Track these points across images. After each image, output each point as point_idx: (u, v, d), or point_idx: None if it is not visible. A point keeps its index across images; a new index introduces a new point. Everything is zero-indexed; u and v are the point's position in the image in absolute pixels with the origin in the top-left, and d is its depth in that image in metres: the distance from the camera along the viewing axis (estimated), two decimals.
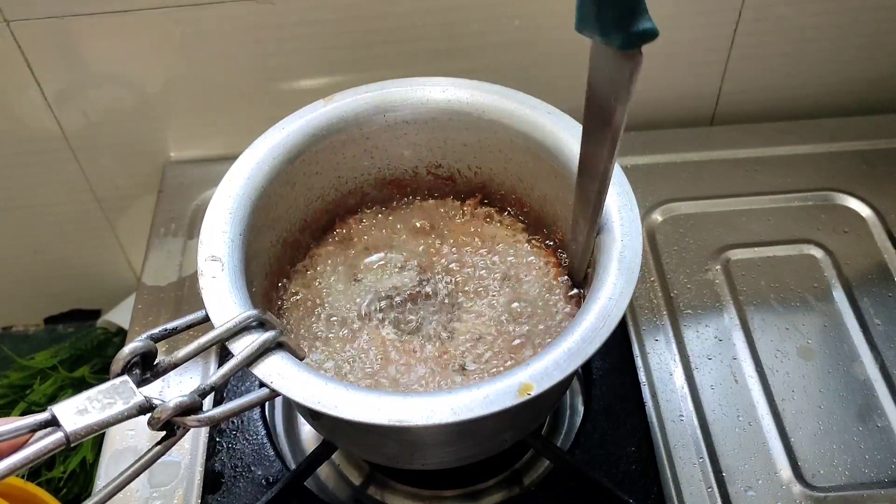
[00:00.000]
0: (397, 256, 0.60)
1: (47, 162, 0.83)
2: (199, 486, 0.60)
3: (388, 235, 0.62)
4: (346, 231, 0.62)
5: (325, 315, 0.57)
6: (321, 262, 0.60)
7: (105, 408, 0.38)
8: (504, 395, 0.42)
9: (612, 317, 0.45)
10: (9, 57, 0.74)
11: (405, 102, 0.58)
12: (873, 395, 0.64)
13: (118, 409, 0.38)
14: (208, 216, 0.51)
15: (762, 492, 0.59)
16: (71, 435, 0.36)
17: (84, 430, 0.37)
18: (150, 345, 0.42)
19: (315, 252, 0.60)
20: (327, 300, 0.57)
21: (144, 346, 0.42)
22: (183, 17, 0.72)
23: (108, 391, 0.39)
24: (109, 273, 0.96)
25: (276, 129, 0.56)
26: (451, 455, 0.53)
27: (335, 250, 0.61)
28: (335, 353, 0.54)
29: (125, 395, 0.39)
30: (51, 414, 0.37)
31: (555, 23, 0.76)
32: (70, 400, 0.38)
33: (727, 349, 0.67)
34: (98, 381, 0.89)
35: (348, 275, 0.59)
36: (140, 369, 0.42)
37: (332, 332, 0.55)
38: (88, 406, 0.38)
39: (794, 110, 0.86)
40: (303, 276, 0.59)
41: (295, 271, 0.59)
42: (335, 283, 0.58)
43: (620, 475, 0.59)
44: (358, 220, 0.63)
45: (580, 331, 0.45)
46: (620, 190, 0.52)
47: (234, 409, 0.42)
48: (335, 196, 0.61)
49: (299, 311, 0.57)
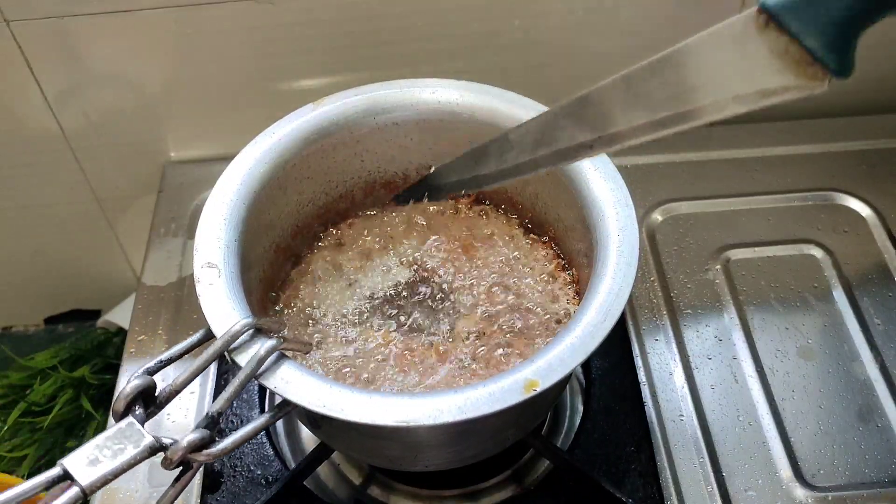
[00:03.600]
0: (391, 258, 0.60)
1: (47, 162, 0.83)
2: (198, 486, 0.60)
3: (380, 238, 0.62)
4: (338, 235, 0.62)
5: (321, 319, 0.57)
6: (315, 267, 0.60)
7: (116, 454, 0.38)
8: (510, 391, 0.42)
9: (612, 311, 0.45)
10: (9, 57, 0.74)
11: (395, 104, 0.58)
12: (873, 395, 0.64)
13: (130, 455, 0.38)
14: (203, 222, 0.51)
15: (762, 492, 0.59)
16: (87, 488, 0.36)
17: (99, 481, 0.37)
18: (149, 380, 0.42)
19: (308, 257, 0.60)
20: (322, 304, 0.57)
21: (143, 383, 0.42)
22: (183, 17, 0.72)
23: (116, 436, 0.39)
24: (109, 273, 0.96)
25: (267, 134, 0.56)
26: (453, 455, 0.53)
27: (328, 254, 0.61)
28: (333, 358, 0.54)
29: (134, 439, 0.39)
30: (62, 469, 0.37)
31: (555, 23, 0.76)
32: (79, 451, 0.37)
33: (727, 349, 0.67)
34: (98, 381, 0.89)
35: (342, 278, 0.59)
36: (143, 406, 0.42)
37: (328, 336, 0.55)
38: (99, 455, 0.37)
39: (794, 110, 0.86)
40: (297, 281, 0.59)
41: (289, 276, 0.59)
42: (330, 287, 0.58)
43: (620, 475, 0.59)
44: (349, 224, 0.63)
45: (581, 326, 0.45)
46: (615, 185, 0.52)
47: (243, 438, 0.42)
48: (326, 200, 0.61)
49: (294, 316, 0.57)
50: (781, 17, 0.31)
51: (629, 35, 0.78)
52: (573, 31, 0.77)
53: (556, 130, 0.39)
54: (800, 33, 0.31)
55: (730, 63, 0.33)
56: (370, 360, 0.54)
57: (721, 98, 0.34)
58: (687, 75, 0.34)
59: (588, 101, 0.38)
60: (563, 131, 0.39)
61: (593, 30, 0.77)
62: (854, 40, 0.31)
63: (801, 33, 0.31)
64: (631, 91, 0.36)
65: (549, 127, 0.40)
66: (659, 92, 0.35)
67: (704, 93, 0.34)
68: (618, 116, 0.37)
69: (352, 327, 0.56)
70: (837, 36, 0.31)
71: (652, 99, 0.36)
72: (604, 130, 0.38)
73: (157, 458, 0.40)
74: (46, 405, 0.83)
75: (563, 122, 0.39)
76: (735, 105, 0.34)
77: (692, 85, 0.34)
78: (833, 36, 0.31)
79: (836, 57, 0.31)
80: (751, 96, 0.33)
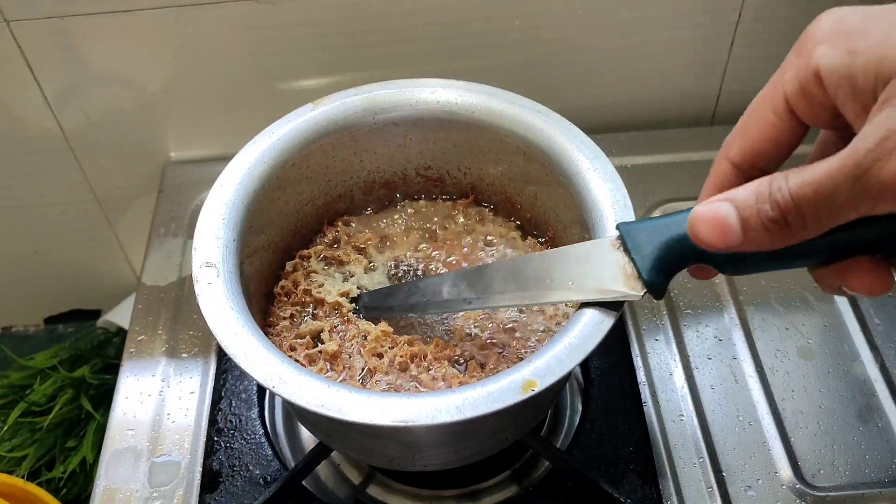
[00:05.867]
0: (389, 258, 0.61)
1: (47, 162, 0.83)
2: (197, 486, 0.60)
3: (379, 237, 0.62)
4: (337, 234, 0.62)
5: (320, 317, 0.57)
6: (313, 266, 0.60)
7: None
8: (508, 391, 0.42)
9: (611, 311, 0.45)
10: (9, 57, 0.74)
11: (394, 104, 0.58)
12: (873, 395, 0.64)
13: None
14: (201, 222, 0.51)
15: (762, 492, 0.59)
16: None
17: None
18: None
19: (307, 256, 0.60)
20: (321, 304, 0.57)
21: None
22: (183, 17, 0.72)
23: None
24: (109, 273, 0.97)
25: (266, 133, 0.56)
26: (452, 455, 0.53)
27: (327, 254, 0.61)
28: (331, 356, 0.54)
29: None
30: None
31: (555, 23, 0.76)
32: None
33: (727, 349, 0.67)
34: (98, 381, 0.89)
35: (341, 278, 0.59)
36: None
37: (326, 335, 0.55)
38: None
39: None
40: (296, 280, 0.59)
41: (287, 276, 0.59)
42: (328, 286, 0.58)
43: (619, 475, 0.59)
44: (348, 223, 0.63)
45: (580, 326, 0.45)
46: (614, 186, 0.52)
47: None
48: (325, 200, 0.61)
49: (293, 315, 0.57)
50: (626, 240, 0.43)
51: (629, 35, 0.78)
52: (573, 31, 0.77)
53: (452, 286, 0.50)
54: (636, 256, 0.42)
55: (586, 266, 0.45)
56: (366, 358, 0.54)
57: (567, 288, 0.45)
58: (552, 268, 0.46)
59: (481, 272, 0.50)
60: (455, 288, 0.50)
61: (593, 30, 0.77)
62: (672, 275, 0.42)
63: (636, 257, 0.42)
64: (512, 270, 0.48)
65: (448, 282, 0.51)
66: (531, 274, 0.47)
67: (559, 281, 0.46)
68: (497, 284, 0.48)
69: (348, 325, 0.56)
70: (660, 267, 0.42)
71: (522, 278, 0.47)
72: (484, 293, 0.49)
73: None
74: (46, 405, 0.83)
75: (459, 281, 0.50)
76: (576, 294, 0.45)
77: (553, 274, 0.46)
78: (657, 265, 0.42)
79: (656, 280, 0.42)
80: (591, 291, 0.45)
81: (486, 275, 0.49)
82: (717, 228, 0.36)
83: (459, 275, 0.51)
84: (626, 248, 0.43)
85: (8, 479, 0.74)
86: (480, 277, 0.49)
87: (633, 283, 0.43)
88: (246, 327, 0.46)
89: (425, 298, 0.52)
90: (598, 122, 0.85)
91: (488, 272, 0.49)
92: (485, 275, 0.49)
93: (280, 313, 0.57)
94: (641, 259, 0.42)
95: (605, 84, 0.83)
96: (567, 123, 0.55)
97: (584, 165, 0.53)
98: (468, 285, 0.50)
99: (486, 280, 0.49)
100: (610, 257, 0.44)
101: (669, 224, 0.42)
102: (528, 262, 0.48)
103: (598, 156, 0.53)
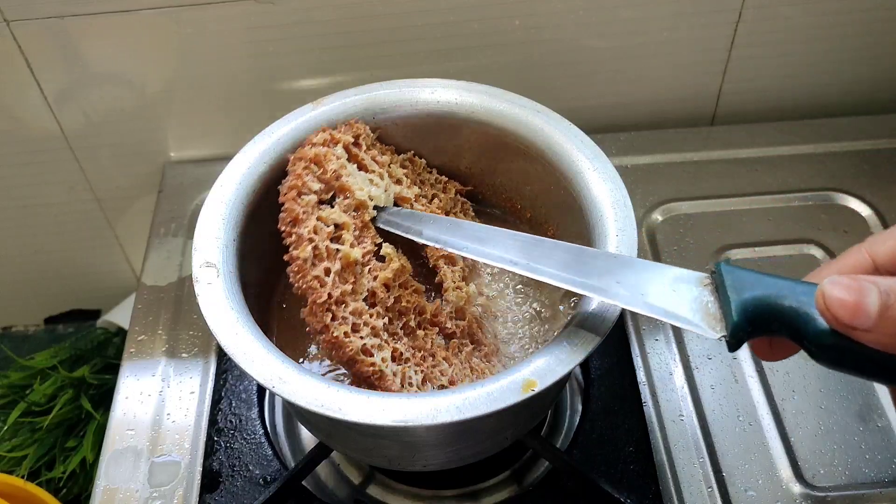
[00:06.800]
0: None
1: (47, 162, 0.83)
2: (197, 486, 0.60)
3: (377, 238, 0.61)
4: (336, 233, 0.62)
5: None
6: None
7: None
8: (508, 391, 0.42)
9: (611, 311, 0.45)
10: (9, 57, 0.74)
11: (394, 104, 0.58)
12: (873, 395, 0.64)
13: None
14: (201, 222, 0.51)
15: (762, 492, 0.59)
16: None
17: None
18: None
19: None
20: (344, 193, 0.55)
21: None
22: (183, 17, 0.72)
23: None
24: (109, 273, 0.97)
25: (266, 133, 0.56)
26: (452, 455, 0.53)
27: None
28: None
29: None
30: None
31: (555, 23, 0.76)
32: None
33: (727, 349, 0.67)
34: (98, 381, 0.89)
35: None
36: None
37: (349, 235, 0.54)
38: None
39: (794, 110, 0.86)
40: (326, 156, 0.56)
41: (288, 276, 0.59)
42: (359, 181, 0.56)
43: (619, 475, 0.59)
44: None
45: (580, 326, 0.45)
46: (614, 186, 0.52)
47: None
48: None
49: (293, 314, 0.57)
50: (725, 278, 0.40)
51: (629, 35, 0.78)
52: (573, 31, 0.77)
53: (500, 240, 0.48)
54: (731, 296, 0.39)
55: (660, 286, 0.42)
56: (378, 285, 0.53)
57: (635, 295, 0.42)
58: (620, 271, 0.44)
59: (540, 242, 0.47)
60: (503, 243, 0.48)
61: (593, 29, 0.77)
62: (756, 332, 0.40)
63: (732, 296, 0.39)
64: (576, 256, 0.45)
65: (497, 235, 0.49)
66: (595, 270, 0.44)
67: (627, 286, 0.43)
68: (554, 260, 0.45)
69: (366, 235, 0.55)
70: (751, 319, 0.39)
71: (586, 267, 0.45)
72: (536, 261, 0.46)
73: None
74: (46, 405, 0.83)
75: (510, 240, 0.48)
76: (640, 305, 0.42)
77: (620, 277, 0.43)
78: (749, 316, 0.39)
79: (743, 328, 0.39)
80: (661, 312, 0.41)
81: (544, 245, 0.47)
82: (851, 302, 0.34)
83: (512, 234, 0.48)
84: (717, 288, 0.41)
85: (8, 479, 0.74)
86: (537, 246, 0.47)
87: (711, 321, 0.40)
88: (246, 327, 0.46)
89: (465, 241, 0.49)
90: (598, 122, 0.85)
91: (547, 245, 0.47)
92: (543, 245, 0.47)
93: (281, 314, 0.57)
94: (735, 302, 0.39)
95: (605, 84, 0.83)
96: (567, 123, 0.55)
97: (584, 165, 0.53)
98: (520, 249, 0.47)
99: (542, 250, 0.46)
100: (694, 290, 0.41)
101: (780, 286, 0.39)
102: (594, 256, 0.46)
103: (598, 156, 0.53)
